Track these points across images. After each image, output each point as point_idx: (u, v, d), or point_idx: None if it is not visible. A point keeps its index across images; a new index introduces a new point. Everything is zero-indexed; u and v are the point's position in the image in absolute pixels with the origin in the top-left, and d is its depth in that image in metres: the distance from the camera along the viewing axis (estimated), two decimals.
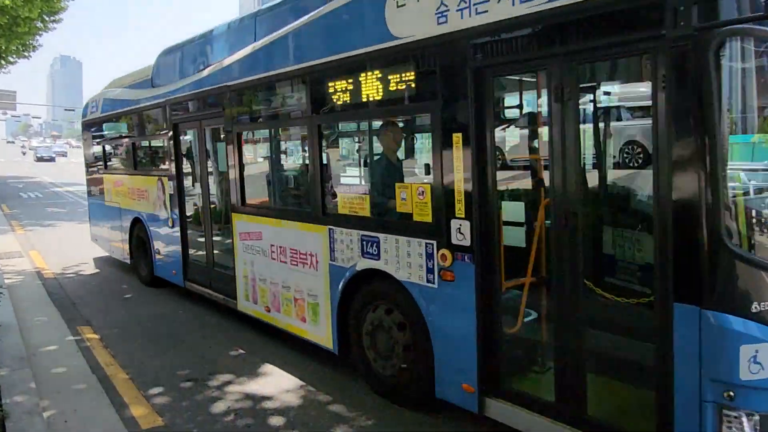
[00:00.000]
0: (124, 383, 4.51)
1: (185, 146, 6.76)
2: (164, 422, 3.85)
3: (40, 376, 4.47)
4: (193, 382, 4.50)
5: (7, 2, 15.31)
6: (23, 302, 6.80)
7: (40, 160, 52.09)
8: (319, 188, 4.40)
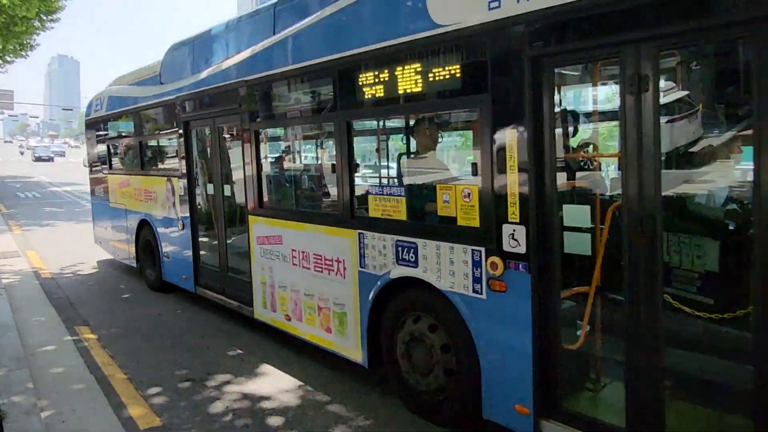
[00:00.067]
0: (122, 383, 4.45)
1: (197, 145, 6.44)
2: (162, 422, 3.81)
3: (37, 376, 4.43)
4: (191, 382, 4.45)
5: (4, 1, 15.07)
6: (21, 302, 6.73)
7: (38, 159, 51.77)
8: (347, 190, 4.09)
